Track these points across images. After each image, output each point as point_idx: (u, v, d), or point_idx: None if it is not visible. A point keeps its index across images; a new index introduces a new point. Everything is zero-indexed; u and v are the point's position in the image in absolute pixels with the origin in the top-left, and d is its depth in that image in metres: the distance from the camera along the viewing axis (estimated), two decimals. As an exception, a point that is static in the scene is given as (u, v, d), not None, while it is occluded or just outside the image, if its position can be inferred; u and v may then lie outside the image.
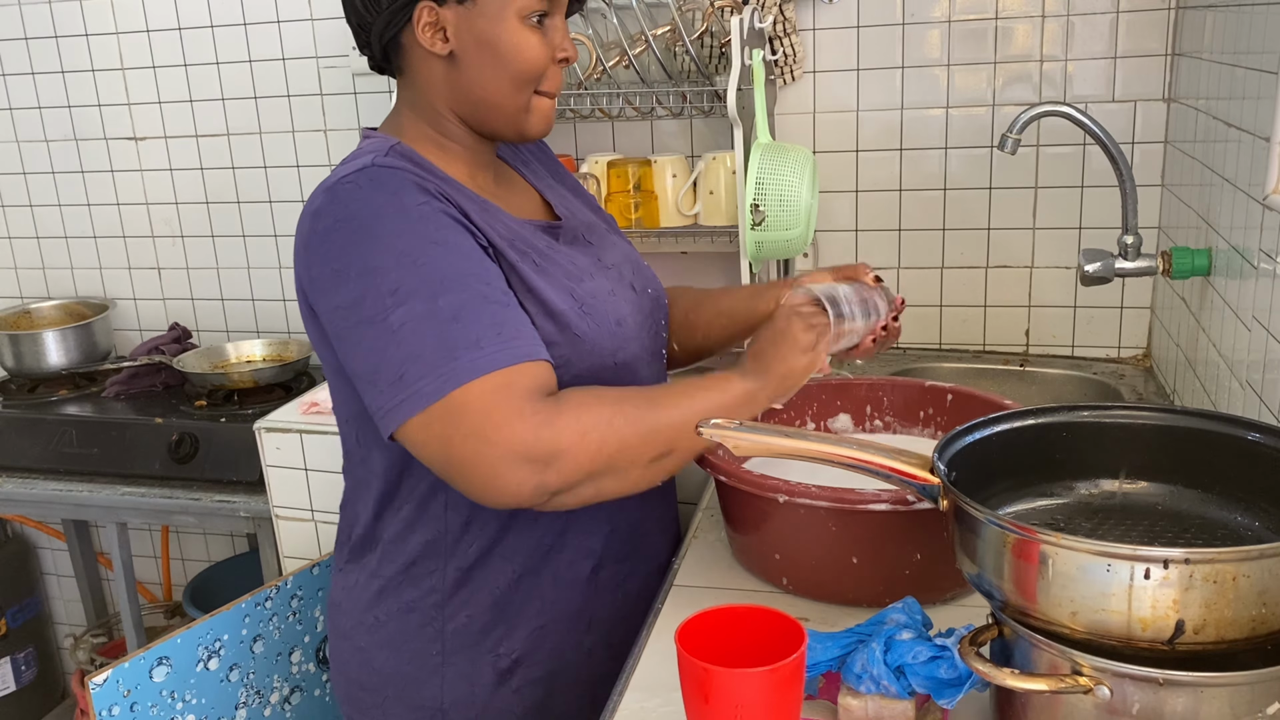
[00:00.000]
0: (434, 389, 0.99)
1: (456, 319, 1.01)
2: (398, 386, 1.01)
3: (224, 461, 2.15)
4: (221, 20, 2.39)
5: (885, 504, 1.07)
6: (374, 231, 1.04)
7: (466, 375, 0.99)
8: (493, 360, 1.00)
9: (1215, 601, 0.74)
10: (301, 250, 1.10)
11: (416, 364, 1.00)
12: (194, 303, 2.62)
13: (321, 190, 1.09)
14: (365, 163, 1.09)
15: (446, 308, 1.01)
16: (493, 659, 1.20)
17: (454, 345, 1.00)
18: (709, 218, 2.03)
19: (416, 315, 1.00)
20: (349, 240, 1.04)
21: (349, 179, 1.08)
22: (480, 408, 0.99)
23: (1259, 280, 1.29)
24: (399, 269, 1.02)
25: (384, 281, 1.02)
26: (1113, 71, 1.93)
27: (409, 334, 1.00)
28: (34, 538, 2.85)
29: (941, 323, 2.14)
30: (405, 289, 1.01)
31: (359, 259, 1.03)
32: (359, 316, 1.03)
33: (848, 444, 0.98)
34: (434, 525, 1.19)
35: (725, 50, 1.95)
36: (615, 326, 1.20)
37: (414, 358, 1.00)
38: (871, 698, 0.93)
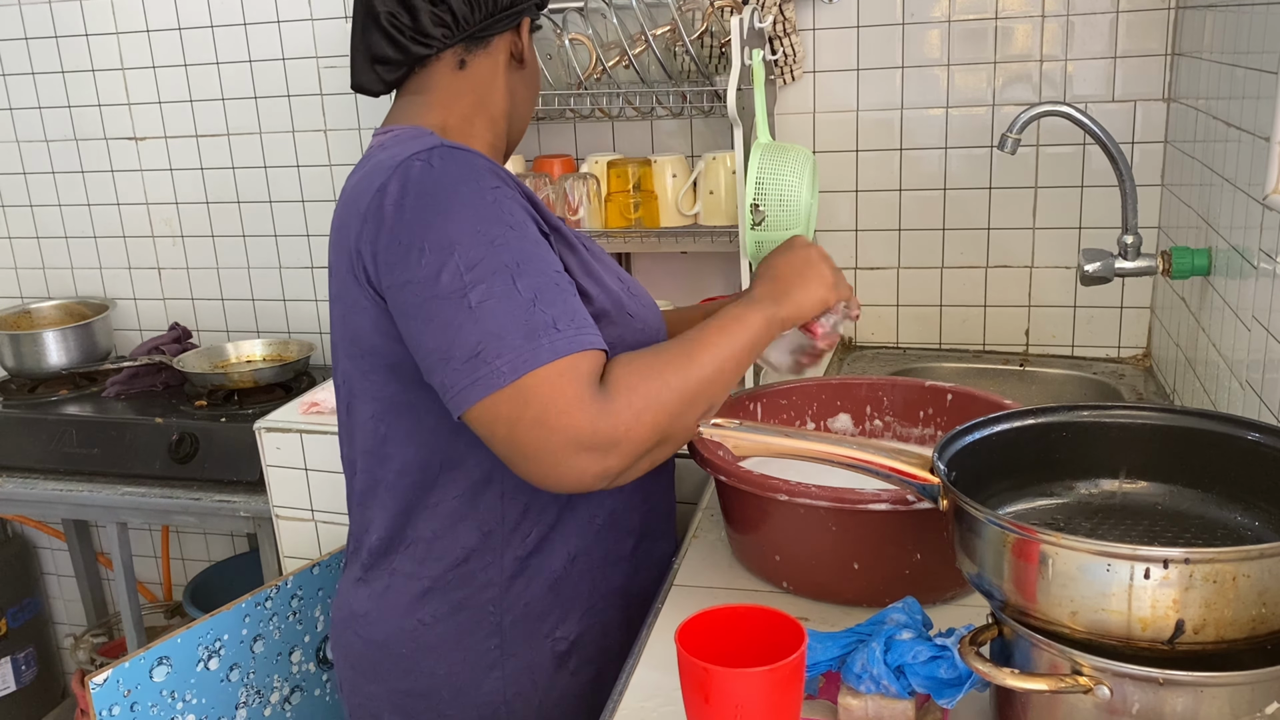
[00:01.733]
0: (512, 368, 0.98)
1: (535, 301, 1.01)
2: (474, 364, 0.99)
3: (224, 461, 2.15)
4: (221, 20, 2.39)
5: (885, 504, 1.07)
6: (451, 208, 1.03)
7: (547, 356, 0.99)
8: (570, 343, 1.00)
9: (1215, 601, 0.74)
10: (359, 225, 1.08)
11: (496, 342, 0.99)
12: (194, 303, 2.62)
13: (385, 168, 1.08)
14: (435, 141, 1.10)
15: (525, 289, 1.01)
16: (551, 644, 1.20)
17: (534, 327, 0.99)
18: (709, 218, 2.03)
19: (496, 294, 1.00)
20: (424, 216, 1.03)
21: (420, 156, 1.07)
22: (547, 392, 0.98)
23: (1259, 280, 1.29)
24: (477, 246, 1.02)
25: (462, 257, 1.01)
26: (1113, 71, 1.93)
27: (488, 312, 0.99)
28: (34, 538, 2.85)
29: (941, 323, 2.15)
30: (484, 267, 1.01)
31: (436, 234, 1.02)
32: (434, 292, 1.01)
33: (848, 444, 0.98)
34: (489, 516, 1.17)
35: (725, 50, 1.95)
36: (654, 306, 1.26)
37: (493, 336, 0.99)
38: (871, 698, 0.93)
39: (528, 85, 1.28)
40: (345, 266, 1.11)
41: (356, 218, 1.08)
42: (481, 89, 1.22)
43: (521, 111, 1.28)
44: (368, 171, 1.11)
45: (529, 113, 1.30)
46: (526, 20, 1.24)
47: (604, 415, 1.00)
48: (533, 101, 1.30)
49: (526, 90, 1.28)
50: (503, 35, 1.22)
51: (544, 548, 1.19)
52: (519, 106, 1.27)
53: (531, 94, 1.30)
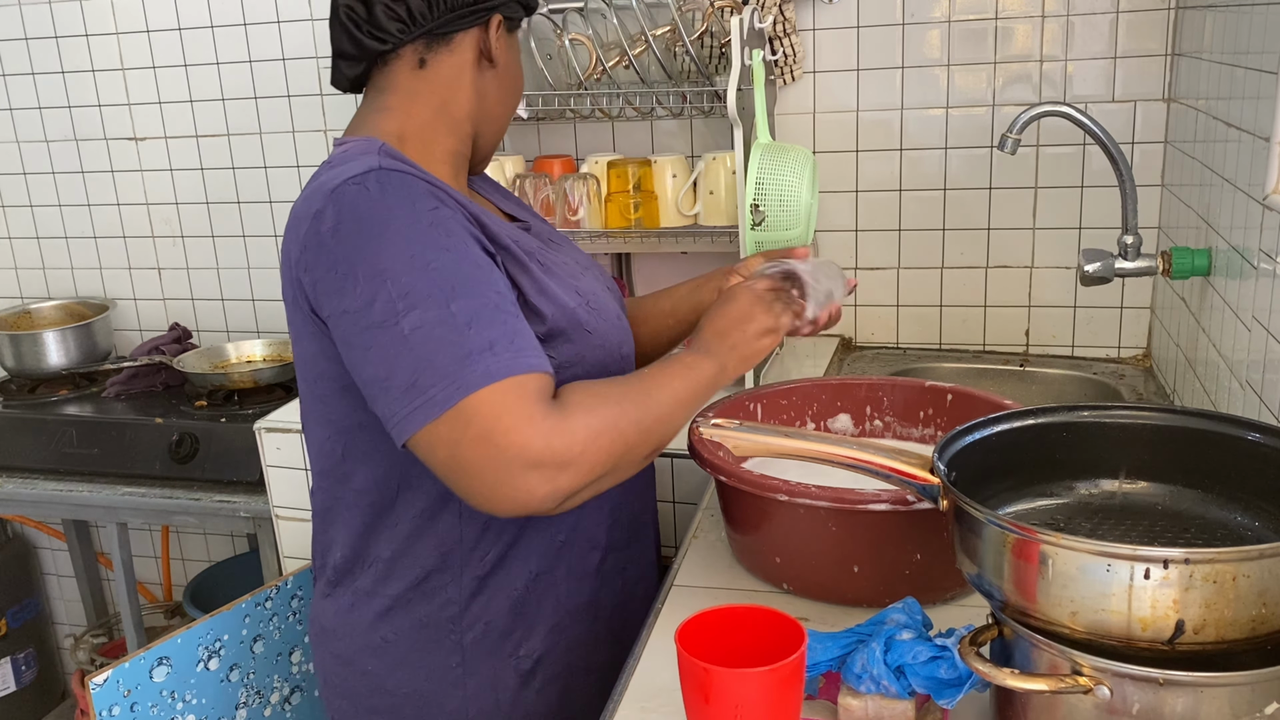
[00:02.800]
0: (445, 396, 0.97)
1: (470, 325, 0.99)
2: (412, 393, 0.98)
3: (224, 461, 2.15)
4: (221, 20, 2.39)
5: (885, 504, 1.07)
6: (384, 235, 1.01)
7: (481, 381, 0.96)
8: (507, 366, 0.98)
9: (1215, 601, 0.74)
10: (299, 252, 1.06)
11: (430, 370, 0.97)
12: (194, 303, 2.62)
13: (322, 193, 1.06)
14: (371, 164, 1.06)
15: (460, 313, 0.99)
16: (514, 662, 1.20)
17: (468, 351, 0.97)
18: (709, 218, 2.03)
19: (429, 320, 0.98)
20: (358, 243, 1.02)
21: (355, 180, 1.05)
22: (491, 412, 0.96)
23: (1259, 280, 1.29)
24: (410, 273, 1.00)
25: (395, 285, 0.99)
26: (1113, 71, 1.93)
27: (421, 339, 0.98)
28: (34, 538, 2.85)
29: (941, 323, 2.14)
30: (417, 293, 0.99)
31: (368, 262, 1.01)
32: (369, 321, 1.00)
33: (848, 444, 0.98)
34: (446, 536, 1.16)
35: (725, 50, 1.95)
36: (617, 320, 1.22)
37: (427, 364, 0.97)
38: (871, 698, 0.93)
39: (502, 87, 1.21)
40: (289, 294, 1.11)
41: (296, 244, 1.07)
42: (444, 90, 1.17)
43: (494, 114, 1.22)
44: (308, 195, 1.08)
45: (504, 116, 1.24)
46: (497, 18, 1.17)
47: (558, 433, 0.97)
48: (508, 104, 1.24)
49: (500, 92, 1.21)
50: (468, 32, 1.16)
51: (504, 566, 1.18)
52: (490, 109, 1.21)
53: (506, 96, 1.23)
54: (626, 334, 1.24)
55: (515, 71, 1.24)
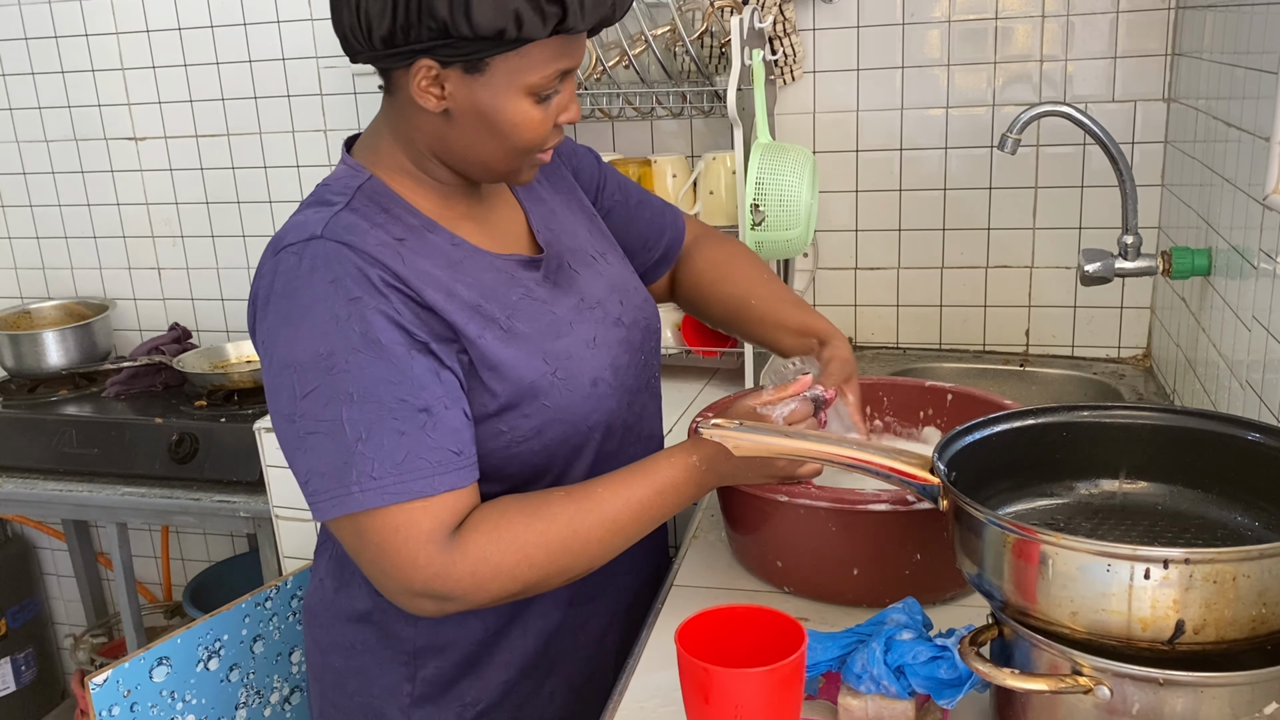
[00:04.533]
0: (333, 508, 0.99)
1: (360, 439, 0.97)
2: (305, 490, 1.01)
3: (224, 461, 2.15)
4: (221, 20, 2.39)
5: (885, 504, 1.07)
6: (299, 325, 1.00)
7: (357, 506, 0.98)
8: (385, 496, 0.97)
9: (1215, 601, 0.74)
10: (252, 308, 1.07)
11: (318, 478, 0.99)
12: (194, 303, 2.62)
13: (270, 250, 1.05)
14: (314, 230, 1.02)
15: (353, 426, 0.98)
16: (459, 708, 1.18)
17: (349, 471, 0.97)
18: (709, 218, 2.03)
19: (322, 429, 0.98)
20: (277, 323, 1.01)
21: (294, 249, 1.02)
22: (377, 542, 0.99)
23: (1259, 280, 1.29)
24: (315, 372, 0.99)
25: (300, 382, 0.99)
26: (1113, 71, 1.93)
27: (313, 445, 0.99)
28: (34, 538, 2.85)
29: (941, 323, 2.14)
30: (316, 396, 0.98)
31: (281, 349, 1.01)
32: (275, 405, 1.02)
33: (848, 444, 0.98)
34: None
35: (725, 50, 1.95)
36: (590, 388, 1.13)
37: (316, 471, 0.99)
38: (871, 698, 0.93)
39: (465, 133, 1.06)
40: None
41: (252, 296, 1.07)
42: (401, 120, 1.09)
43: (462, 156, 1.09)
44: (274, 239, 1.06)
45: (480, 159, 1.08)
46: (423, 64, 1.00)
47: (441, 578, 0.98)
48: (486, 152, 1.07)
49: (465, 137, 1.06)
50: (396, 72, 1.04)
51: (457, 619, 1.14)
52: (456, 151, 1.08)
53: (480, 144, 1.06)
54: (600, 402, 1.14)
55: (488, 119, 1.04)
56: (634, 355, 1.22)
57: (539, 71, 1.03)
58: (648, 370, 1.26)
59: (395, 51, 1.01)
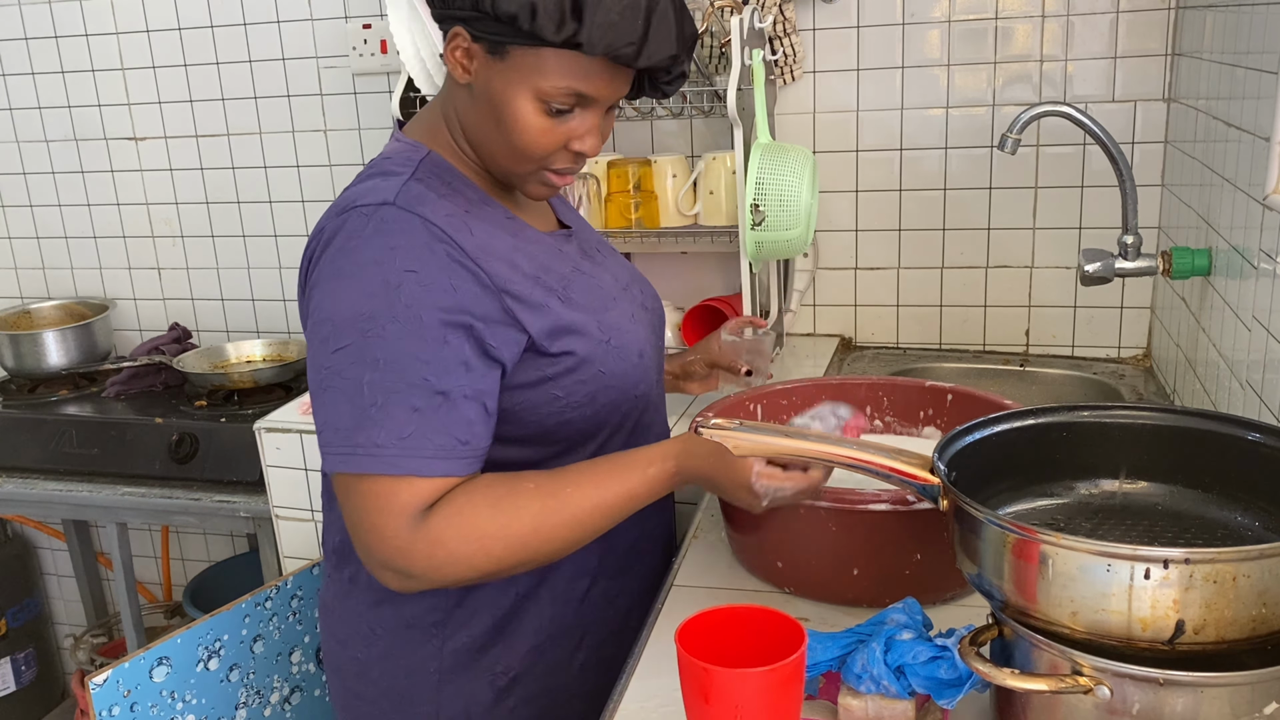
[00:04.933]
0: (337, 462, 1.02)
1: (374, 405, 1.00)
2: (319, 438, 1.04)
3: (224, 461, 2.15)
4: (221, 20, 2.39)
5: (885, 504, 1.07)
6: (350, 282, 1.02)
7: (357, 468, 1.00)
8: (383, 465, 1.00)
9: (1215, 601, 0.74)
10: (309, 259, 1.09)
11: (329, 430, 1.02)
12: (194, 303, 2.62)
13: (337, 208, 1.07)
14: (386, 196, 1.05)
15: (373, 392, 1.00)
16: (490, 678, 1.19)
17: (359, 435, 1.00)
18: (709, 218, 2.03)
19: (343, 386, 1.01)
20: (329, 276, 1.04)
21: (364, 210, 1.04)
22: (361, 505, 1.01)
23: (1259, 280, 1.29)
24: (350, 331, 1.01)
25: (335, 337, 1.02)
26: (1113, 71, 1.93)
27: (330, 400, 1.02)
28: (34, 538, 2.85)
29: (941, 323, 2.14)
30: (346, 354, 1.01)
31: (327, 302, 1.03)
32: (312, 355, 1.05)
33: (848, 444, 0.98)
34: None
35: (725, 50, 1.94)
36: (638, 359, 1.19)
37: (329, 424, 1.02)
38: (871, 698, 0.93)
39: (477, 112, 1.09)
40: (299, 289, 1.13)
41: (310, 249, 1.10)
42: (446, 95, 1.15)
43: (477, 140, 1.12)
44: (336, 203, 1.09)
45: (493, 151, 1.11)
46: (455, 31, 1.06)
47: (402, 554, 1.00)
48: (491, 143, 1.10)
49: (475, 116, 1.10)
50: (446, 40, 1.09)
51: (488, 584, 1.16)
52: (471, 132, 1.12)
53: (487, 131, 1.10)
54: (645, 373, 1.21)
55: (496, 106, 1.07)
56: (657, 340, 1.30)
57: (550, 80, 1.04)
58: (661, 357, 1.32)
59: (443, 13, 1.07)
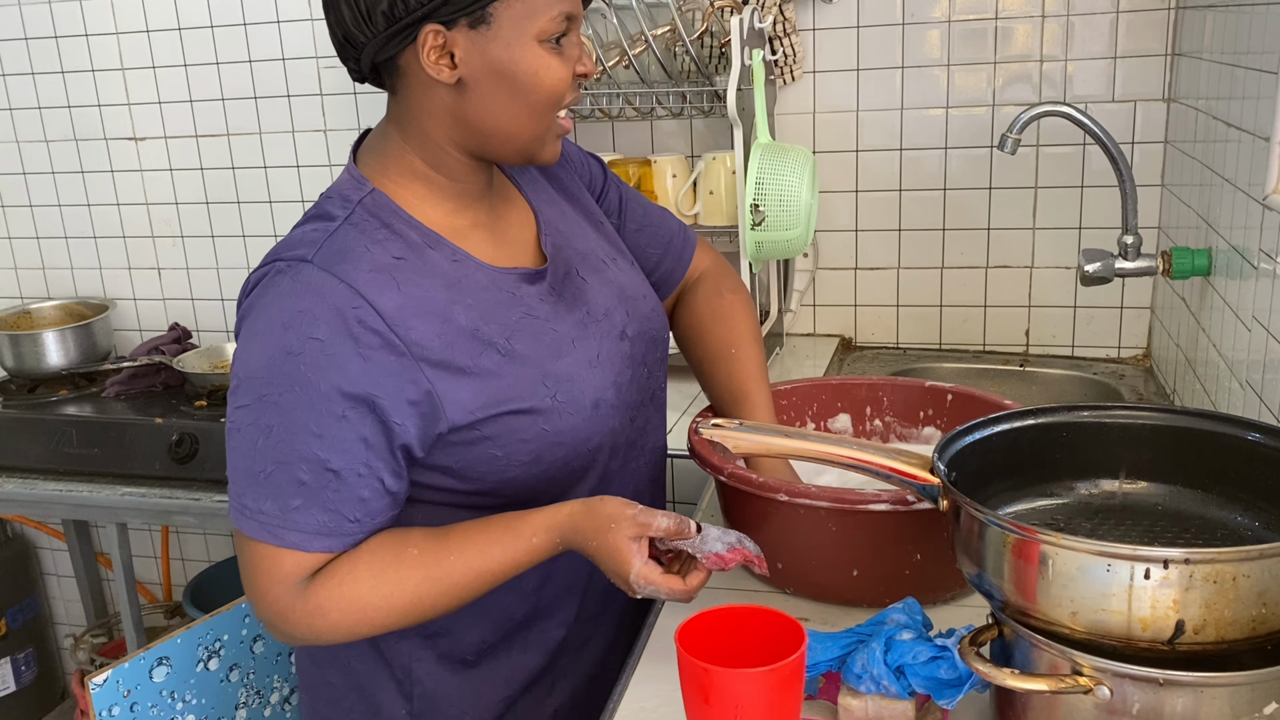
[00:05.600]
0: (233, 514, 1.04)
1: (264, 472, 1.01)
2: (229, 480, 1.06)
3: (224, 462, 2.14)
4: (221, 20, 2.39)
5: (885, 504, 1.07)
6: (255, 343, 1.02)
7: (244, 529, 1.02)
8: (265, 533, 1.01)
9: (1215, 601, 0.74)
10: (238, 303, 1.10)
11: (230, 479, 1.05)
12: (194, 303, 2.62)
13: (267, 259, 1.05)
14: (307, 254, 1.02)
15: (261, 458, 1.01)
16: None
17: (246, 495, 1.02)
18: (709, 218, 2.03)
19: (240, 444, 1.02)
20: (243, 332, 1.04)
21: (284, 264, 1.02)
22: (247, 564, 1.03)
23: (1259, 280, 1.29)
24: (250, 392, 1.01)
25: (238, 391, 1.03)
26: (1113, 71, 1.93)
27: (230, 451, 1.04)
28: (34, 538, 2.85)
29: (941, 323, 2.14)
30: (245, 413, 1.02)
31: (237, 355, 1.04)
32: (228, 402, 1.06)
33: (848, 444, 0.98)
34: None
35: (725, 50, 1.95)
36: (592, 410, 1.10)
37: (230, 473, 1.05)
38: (871, 698, 0.93)
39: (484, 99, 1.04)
40: None
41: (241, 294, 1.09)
42: (417, 116, 1.06)
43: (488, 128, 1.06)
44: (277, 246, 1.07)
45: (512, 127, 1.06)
46: (428, 32, 0.99)
47: (284, 619, 1.02)
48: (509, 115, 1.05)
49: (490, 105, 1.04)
50: (405, 53, 1.02)
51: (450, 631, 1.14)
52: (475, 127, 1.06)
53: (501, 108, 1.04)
54: (601, 423, 1.11)
55: (505, 75, 1.02)
56: (636, 370, 1.18)
57: (544, 14, 1.01)
58: (651, 383, 1.22)
59: (399, 26, 0.99)
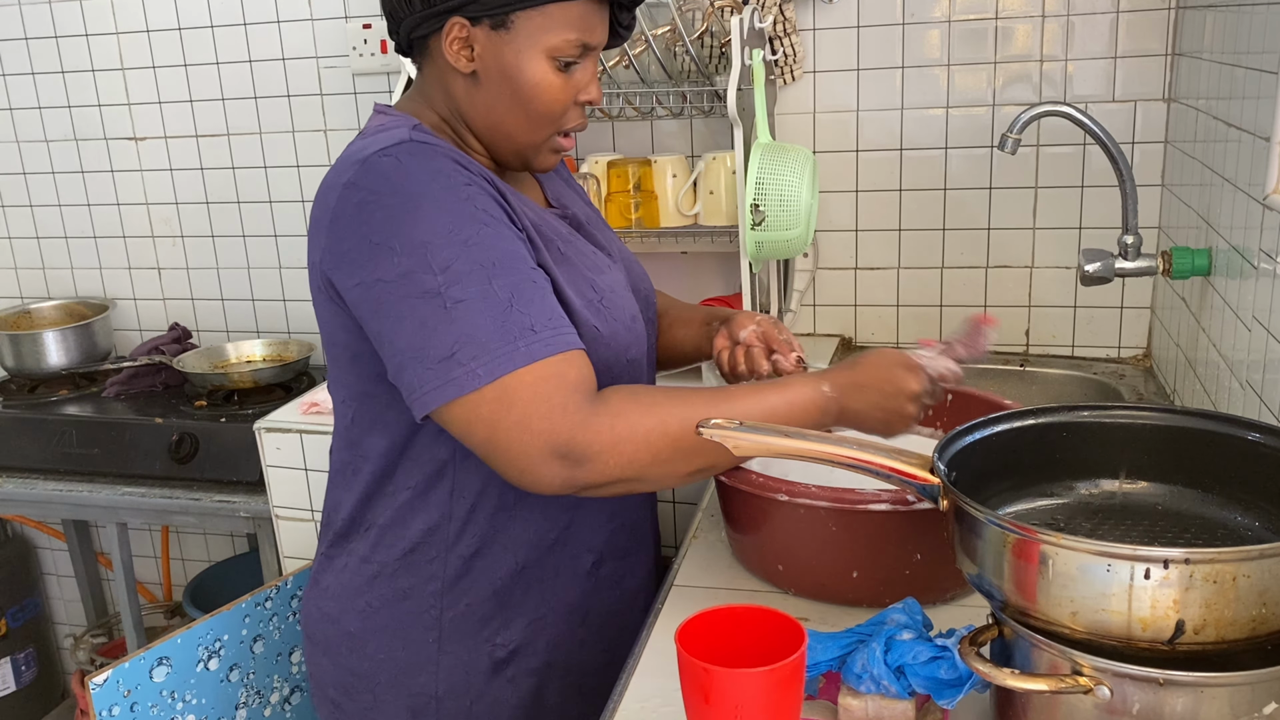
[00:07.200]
0: (488, 370, 0.99)
1: (512, 302, 1.00)
2: (448, 365, 0.99)
3: (224, 461, 2.15)
4: (221, 20, 2.39)
5: (885, 504, 1.07)
6: (421, 206, 1.02)
7: (523, 360, 0.99)
8: (548, 347, 1.00)
9: (1215, 601, 0.74)
10: (328, 223, 1.06)
11: (470, 344, 0.99)
12: (194, 303, 2.62)
13: (353, 162, 1.06)
14: (402, 136, 1.07)
15: (501, 290, 1.01)
16: (489, 649, 1.20)
17: (511, 329, 0.99)
18: (709, 218, 2.03)
19: (471, 294, 1.00)
20: (393, 213, 1.02)
21: (388, 152, 1.05)
22: (530, 396, 0.99)
23: (1259, 280, 1.29)
24: (450, 246, 1.01)
25: (435, 257, 1.00)
26: (1113, 71, 1.93)
27: (463, 312, 0.99)
28: (34, 538, 2.85)
29: (941, 323, 2.14)
30: (457, 267, 1.00)
31: (406, 232, 1.01)
32: (407, 290, 1.01)
33: (848, 444, 0.98)
34: (436, 512, 1.17)
35: (725, 50, 1.94)
36: (630, 322, 1.20)
37: (468, 338, 0.99)
38: (871, 698, 0.93)
39: (490, 96, 1.12)
40: (315, 259, 1.11)
41: (327, 213, 1.07)
42: (438, 92, 1.16)
43: (490, 123, 1.14)
44: (338, 164, 1.09)
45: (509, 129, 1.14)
46: (453, 23, 1.08)
47: (583, 427, 0.99)
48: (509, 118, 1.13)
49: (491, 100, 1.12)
50: (433, 38, 1.11)
51: (488, 552, 1.18)
52: (485, 118, 1.14)
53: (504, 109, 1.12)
54: (638, 337, 1.21)
55: (511, 80, 1.10)
56: (647, 321, 1.28)
57: (560, 34, 1.08)
58: (651, 339, 1.31)
59: (432, 11, 1.08)
